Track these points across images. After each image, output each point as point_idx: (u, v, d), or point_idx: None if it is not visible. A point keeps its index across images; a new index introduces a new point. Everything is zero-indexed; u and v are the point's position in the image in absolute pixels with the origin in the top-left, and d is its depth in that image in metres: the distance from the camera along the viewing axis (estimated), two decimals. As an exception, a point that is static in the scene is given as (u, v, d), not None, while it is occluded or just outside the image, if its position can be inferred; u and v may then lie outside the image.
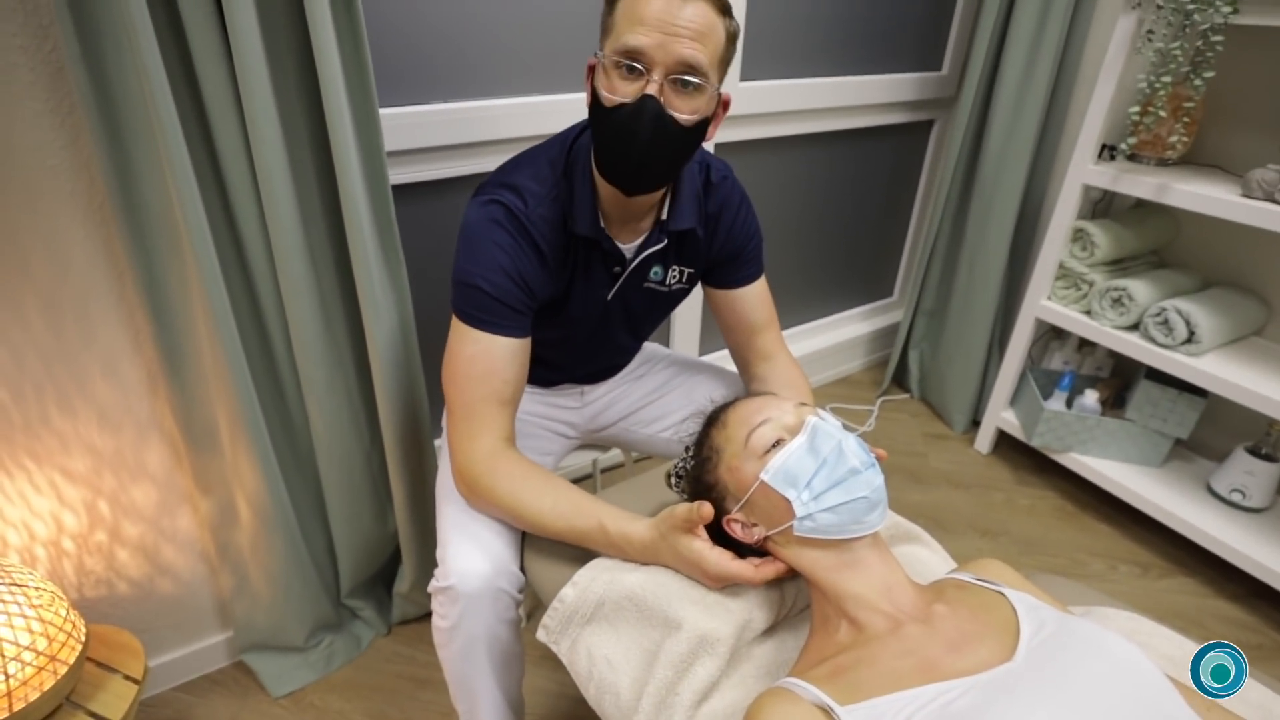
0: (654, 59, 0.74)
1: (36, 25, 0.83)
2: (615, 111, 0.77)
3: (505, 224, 0.85)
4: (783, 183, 1.89)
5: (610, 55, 0.76)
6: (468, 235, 0.86)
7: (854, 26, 1.77)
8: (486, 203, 0.86)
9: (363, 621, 1.38)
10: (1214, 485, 1.62)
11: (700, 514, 0.72)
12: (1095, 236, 1.60)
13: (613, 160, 0.81)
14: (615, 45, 0.76)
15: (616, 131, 0.78)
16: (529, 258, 0.86)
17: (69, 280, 0.95)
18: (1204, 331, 1.46)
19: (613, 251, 0.92)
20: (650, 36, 0.73)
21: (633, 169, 0.80)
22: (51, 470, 1.03)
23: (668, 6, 0.73)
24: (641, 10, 0.73)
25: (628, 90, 0.76)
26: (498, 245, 0.85)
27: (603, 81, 0.78)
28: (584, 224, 0.88)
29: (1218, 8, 1.27)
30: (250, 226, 0.99)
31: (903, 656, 0.59)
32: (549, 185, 0.87)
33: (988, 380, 2.02)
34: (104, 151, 0.86)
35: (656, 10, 0.73)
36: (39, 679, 0.84)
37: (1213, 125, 1.58)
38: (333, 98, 0.92)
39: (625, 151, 0.78)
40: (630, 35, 0.74)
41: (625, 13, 0.75)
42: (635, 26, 0.74)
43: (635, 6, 0.74)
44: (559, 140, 0.92)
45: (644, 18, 0.73)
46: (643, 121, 0.76)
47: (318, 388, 1.11)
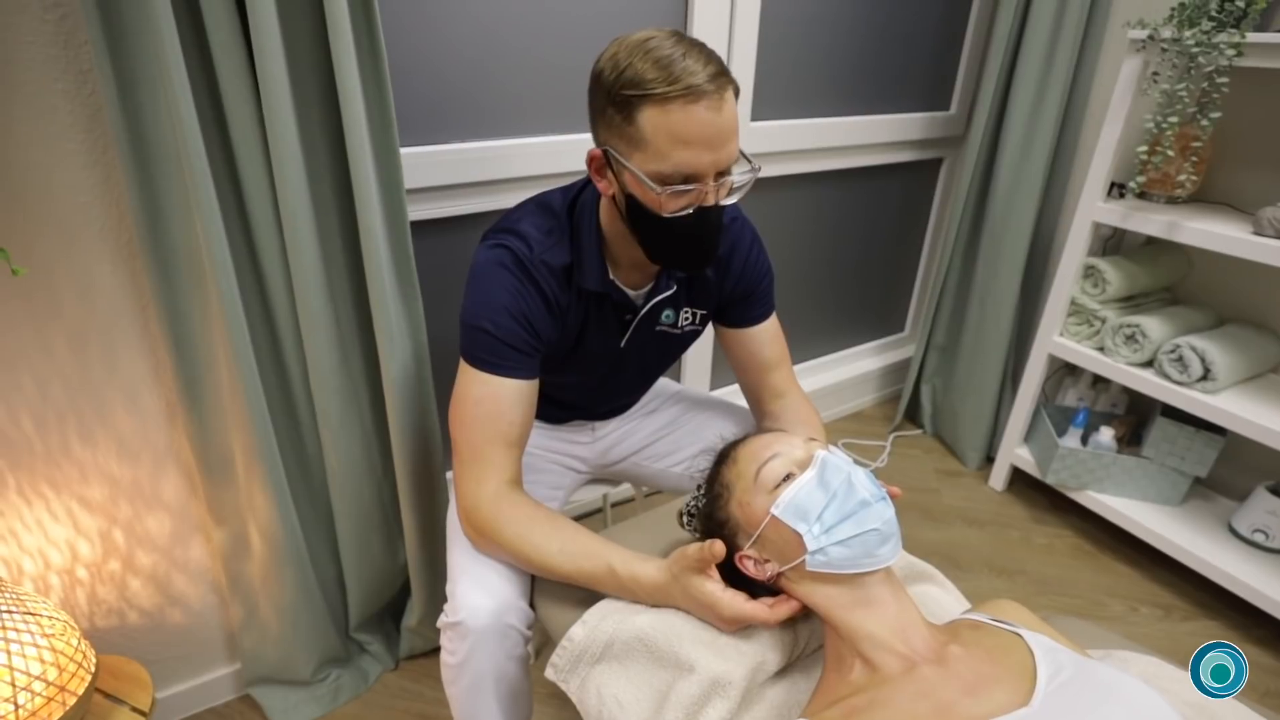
0: (707, 173, 0.76)
1: (77, 70, 0.87)
2: (675, 222, 0.78)
3: (511, 268, 0.86)
4: (795, 220, 1.92)
5: (658, 176, 0.75)
6: (474, 279, 0.88)
7: (863, 67, 1.80)
8: (492, 247, 0.88)
9: (370, 656, 1.37)
10: (1235, 525, 1.58)
11: (712, 552, 0.71)
12: (1107, 273, 1.61)
13: (677, 258, 0.84)
14: (663, 167, 0.74)
15: (681, 239, 0.80)
16: (535, 301, 0.87)
17: (95, 312, 0.97)
18: (1220, 369, 1.45)
19: (623, 302, 0.93)
20: (704, 157, 0.74)
21: (702, 261, 0.85)
22: (70, 498, 1.04)
23: (710, 120, 0.72)
24: (684, 130, 0.72)
25: (683, 203, 0.78)
26: (503, 288, 0.86)
27: (646, 195, 0.77)
28: (592, 280, 0.89)
29: (1222, 51, 1.29)
30: (272, 263, 1.01)
31: (918, 699, 0.58)
32: (554, 234, 0.89)
33: (1001, 416, 2.00)
34: (134, 190, 0.89)
35: (700, 128, 0.72)
36: (48, 710, 0.84)
37: (1222, 164, 1.59)
38: (356, 139, 0.95)
39: (692, 252, 0.82)
40: (679, 157, 0.73)
41: (664, 131, 0.73)
42: (681, 148, 0.73)
43: (674, 125, 0.72)
44: (561, 192, 0.93)
45: (690, 139, 0.73)
46: (708, 226, 0.80)
47: (332, 420, 1.12)
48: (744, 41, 1.54)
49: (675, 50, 0.72)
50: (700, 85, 0.71)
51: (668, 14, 1.44)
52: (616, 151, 0.77)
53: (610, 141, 0.78)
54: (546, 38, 1.30)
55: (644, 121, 0.73)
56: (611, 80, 0.74)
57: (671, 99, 0.71)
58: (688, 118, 0.72)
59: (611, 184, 0.82)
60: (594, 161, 0.82)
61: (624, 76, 0.73)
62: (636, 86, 0.72)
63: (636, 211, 0.80)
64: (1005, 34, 1.71)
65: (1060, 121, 1.74)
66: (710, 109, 0.72)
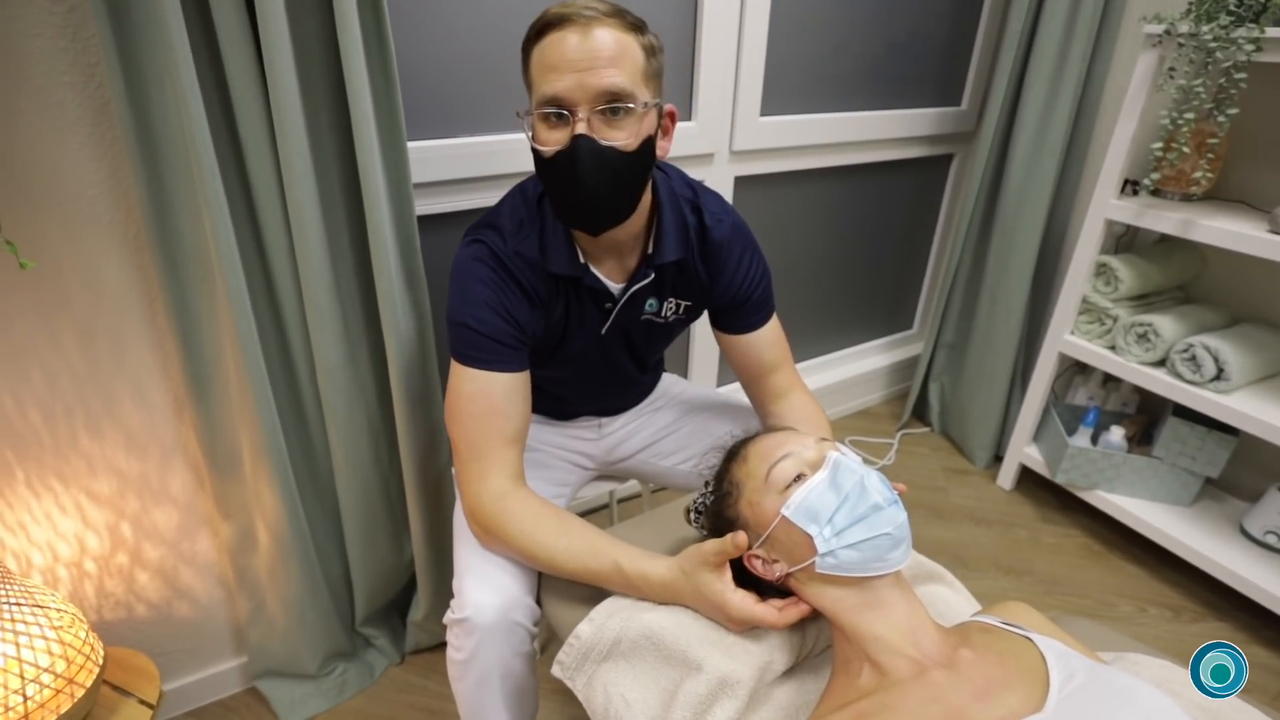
0: (576, 99, 0.75)
1: (85, 64, 0.87)
2: (554, 161, 0.78)
3: (488, 262, 0.86)
4: (803, 216, 1.90)
5: (536, 109, 0.77)
6: (455, 276, 0.88)
7: (873, 62, 1.79)
8: (470, 243, 0.88)
9: (376, 650, 1.37)
10: (1247, 527, 1.57)
11: (735, 544, 0.71)
12: (1119, 271, 1.59)
13: (566, 207, 0.82)
14: (537, 97, 0.77)
15: (561, 179, 0.78)
16: (513, 293, 0.87)
17: (103, 306, 0.98)
18: (1233, 368, 1.43)
19: (597, 288, 0.92)
20: (566, 79, 0.74)
21: (588, 210, 0.80)
22: (78, 492, 1.04)
23: (575, 43, 0.74)
24: (551, 56, 0.74)
25: (559, 137, 0.77)
26: (482, 282, 0.86)
27: (535, 135, 0.79)
28: (559, 263, 0.88)
29: (1240, 45, 1.27)
30: (280, 257, 1.01)
31: (928, 704, 0.58)
32: (525, 224, 0.89)
33: (1010, 415, 1.99)
34: (142, 184, 0.89)
35: (565, 51, 0.74)
36: (56, 701, 0.85)
37: (1238, 161, 1.57)
38: (364, 134, 0.95)
39: (575, 196, 0.79)
40: (547, 84, 0.75)
41: (538, 63, 0.76)
42: (549, 74, 0.75)
43: (545, 54, 0.75)
44: (535, 180, 0.93)
45: (555, 63, 0.74)
46: (582, 162, 0.76)
47: (339, 415, 1.12)
48: (754, 36, 1.53)
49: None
50: (573, 15, 0.74)
51: (677, 9, 1.43)
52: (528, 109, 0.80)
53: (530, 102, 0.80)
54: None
55: (530, 63, 0.78)
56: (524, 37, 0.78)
57: (546, 32, 0.75)
58: (555, 44, 0.74)
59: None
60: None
61: (530, 29, 0.77)
62: (528, 34, 0.77)
63: (537, 165, 0.81)
64: (1018, 29, 1.69)
65: (1073, 117, 1.72)
66: (578, 33, 0.74)
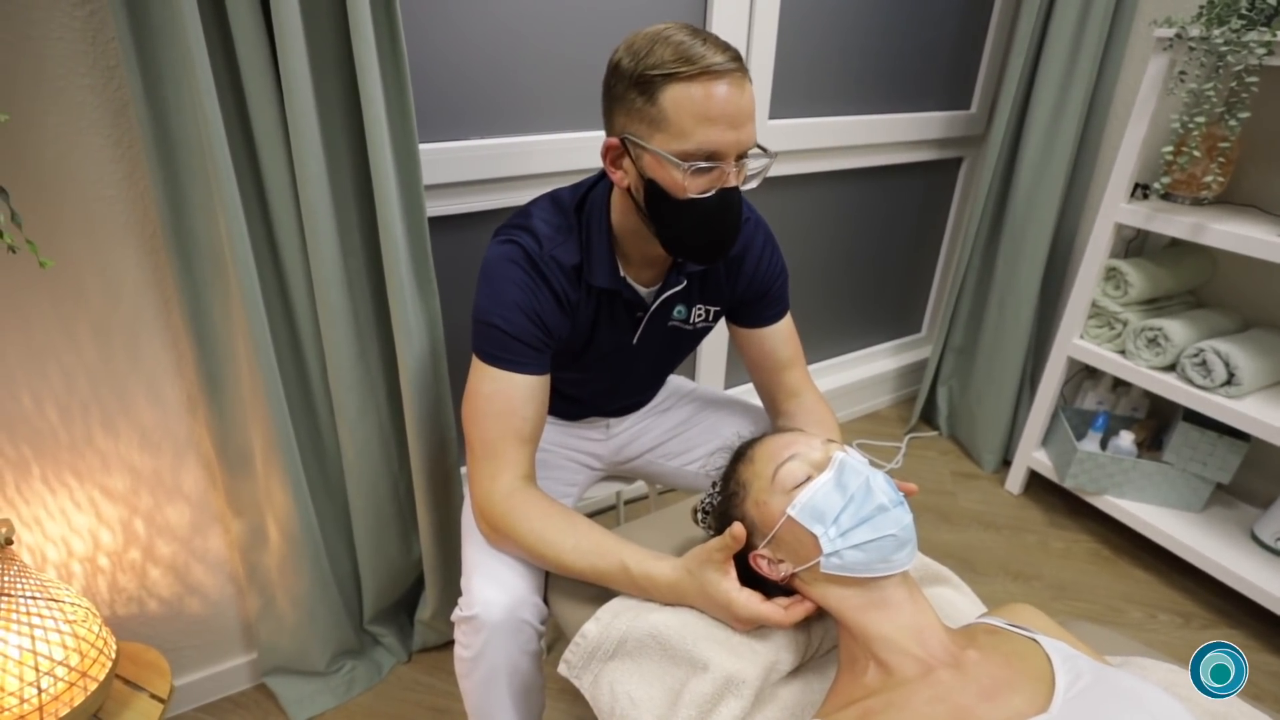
0: (729, 154, 0.76)
1: (104, 66, 0.88)
2: (695, 205, 0.78)
3: (521, 263, 0.87)
4: (812, 219, 1.90)
5: (681, 154, 0.75)
6: (486, 275, 0.88)
7: (883, 65, 1.79)
8: (503, 243, 0.88)
9: (384, 648, 1.38)
10: (1259, 533, 1.56)
11: (734, 535, 0.71)
12: (1129, 275, 1.58)
13: (698, 246, 0.83)
14: (687, 145, 0.75)
15: (701, 222, 0.80)
16: (545, 297, 0.87)
17: (120, 306, 0.99)
18: (1244, 373, 1.42)
19: (633, 299, 0.93)
20: (727, 135, 0.75)
21: (720, 248, 0.84)
22: (92, 488, 1.06)
23: (731, 98, 0.74)
24: (709, 108, 0.73)
25: (705, 184, 0.78)
26: (514, 283, 0.86)
27: (668, 177, 0.77)
28: (602, 277, 0.89)
29: (1252, 49, 1.26)
30: (292, 258, 1.02)
31: (934, 703, 0.58)
32: (563, 231, 0.89)
33: (1019, 419, 1.98)
34: (159, 185, 0.90)
35: (724, 106, 0.73)
36: (69, 694, 0.86)
37: (1250, 164, 1.56)
38: (376, 136, 0.96)
39: (711, 237, 0.82)
40: (703, 134, 0.74)
41: (686, 109, 0.73)
42: (705, 125, 0.74)
43: (700, 105, 0.73)
44: (570, 190, 0.94)
45: (714, 116, 0.73)
46: (729, 210, 0.80)
47: (350, 414, 1.13)
48: (763, 39, 1.53)
49: (693, 38, 0.74)
50: (722, 65, 0.73)
51: (687, 10, 1.43)
52: (637, 136, 0.78)
53: (630, 127, 0.78)
54: (566, 34, 1.31)
55: (667, 101, 0.74)
56: (631, 66, 0.75)
57: (695, 77, 0.73)
58: (711, 95, 0.73)
59: (628, 174, 0.82)
60: (610, 151, 0.82)
61: (645, 61, 0.74)
62: (659, 68, 0.73)
63: (656, 197, 0.80)
64: (1028, 32, 1.69)
65: (1083, 121, 1.71)
66: (733, 87, 0.74)
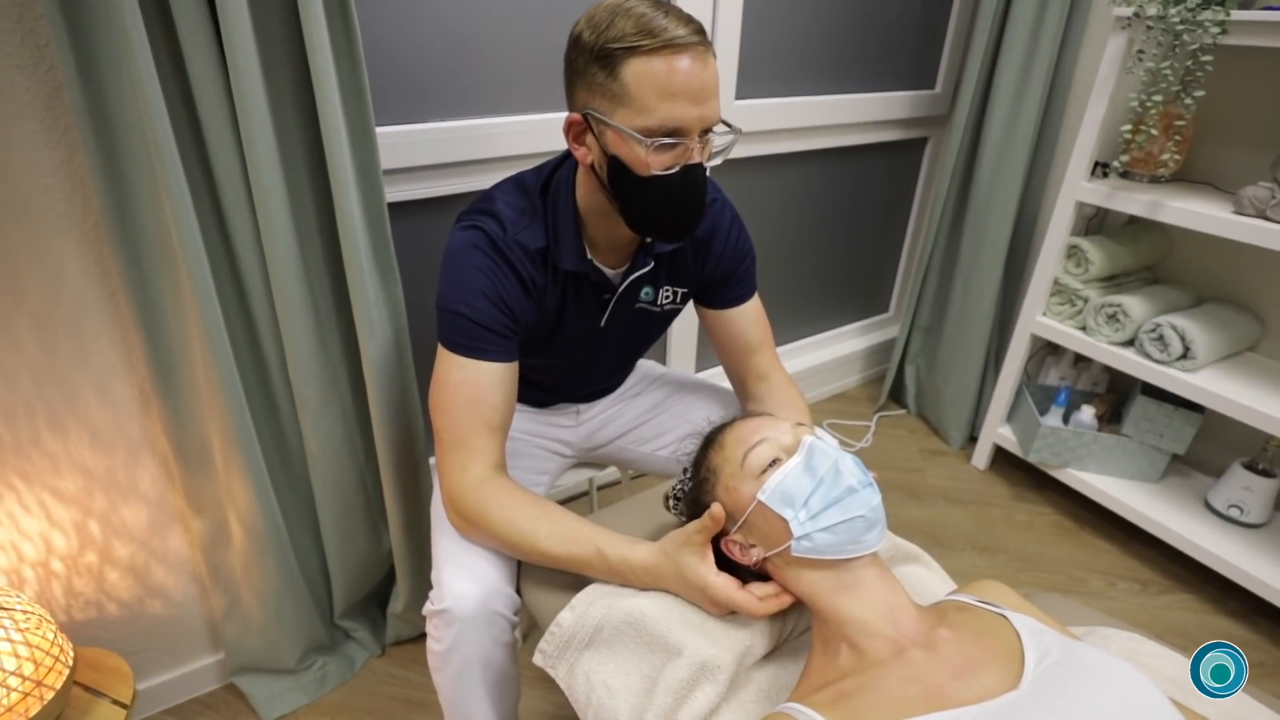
0: (693, 129, 0.75)
1: (33, 45, 0.83)
2: (659, 181, 0.77)
3: (485, 249, 0.85)
4: (778, 200, 1.90)
5: (644, 129, 0.73)
6: (449, 261, 0.86)
7: (848, 45, 1.78)
8: (466, 229, 0.86)
9: (356, 643, 1.36)
10: (1212, 501, 1.61)
11: (714, 516, 0.71)
12: (1089, 253, 1.61)
13: (662, 223, 0.82)
14: (649, 121, 0.73)
15: (665, 199, 0.78)
16: (510, 283, 0.86)
17: (62, 299, 0.94)
18: (1199, 347, 1.46)
19: (600, 281, 0.92)
20: (690, 110, 0.73)
21: (685, 226, 0.83)
22: (41, 490, 1.01)
23: (694, 72, 0.72)
24: (672, 83, 0.72)
25: (669, 160, 0.76)
26: (478, 270, 0.84)
27: (631, 153, 0.75)
28: (569, 260, 0.88)
29: (1206, 29, 1.28)
30: (245, 245, 0.99)
31: (906, 683, 0.58)
32: (527, 214, 0.87)
33: (984, 396, 2.02)
34: (99, 171, 0.86)
35: (687, 80, 0.72)
36: (25, 705, 0.83)
37: (1204, 143, 1.60)
38: (330, 117, 0.92)
39: (677, 215, 0.80)
40: (665, 109, 0.72)
41: (648, 84, 0.72)
42: (668, 100, 0.72)
43: (663, 79, 0.72)
44: (534, 173, 0.92)
45: (676, 90, 0.72)
46: (695, 188, 0.78)
47: (311, 406, 1.10)
48: (728, 19, 1.52)
49: (654, 10, 0.72)
50: (684, 38, 0.71)
51: (651, -11, 1.41)
52: (599, 112, 0.76)
53: (592, 103, 0.76)
54: (530, 10, 1.27)
55: (629, 75, 0.72)
56: (592, 39, 0.73)
57: (657, 51, 0.71)
58: (673, 69, 0.72)
59: (591, 150, 0.80)
60: (573, 128, 0.80)
61: (606, 34, 0.72)
62: (620, 41, 0.71)
63: (620, 174, 0.78)
64: (990, 12, 1.70)
65: (1045, 101, 1.73)
66: (695, 61, 0.72)
